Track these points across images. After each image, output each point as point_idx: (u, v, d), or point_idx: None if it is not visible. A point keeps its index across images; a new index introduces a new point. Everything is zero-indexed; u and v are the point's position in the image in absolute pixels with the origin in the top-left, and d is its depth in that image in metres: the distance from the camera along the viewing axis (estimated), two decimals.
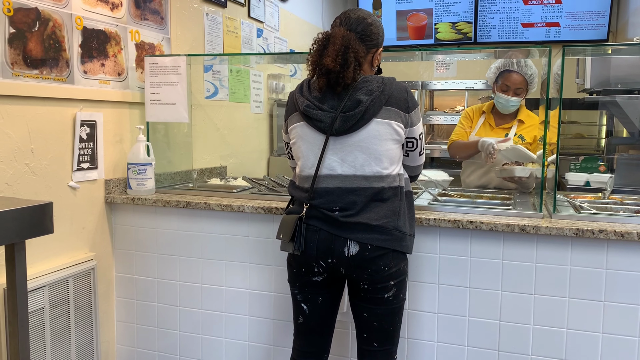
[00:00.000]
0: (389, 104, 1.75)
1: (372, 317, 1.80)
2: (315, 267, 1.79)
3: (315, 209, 1.76)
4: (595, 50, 3.12)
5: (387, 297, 1.77)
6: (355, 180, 1.74)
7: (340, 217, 1.73)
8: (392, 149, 1.77)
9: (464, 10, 5.28)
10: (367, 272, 1.74)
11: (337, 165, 1.76)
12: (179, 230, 2.48)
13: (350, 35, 1.75)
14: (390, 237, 1.73)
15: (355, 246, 1.72)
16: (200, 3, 3.19)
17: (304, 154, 1.81)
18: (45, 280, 2.15)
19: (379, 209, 1.74)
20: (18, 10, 2.05)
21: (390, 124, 1.75)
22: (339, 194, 1.74)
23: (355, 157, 1.75)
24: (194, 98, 3.04)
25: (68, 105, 2.30)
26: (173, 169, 2.95)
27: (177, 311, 2.52)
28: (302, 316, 1.90)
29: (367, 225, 1.72)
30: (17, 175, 2.09)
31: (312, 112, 1.76)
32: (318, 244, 1.75)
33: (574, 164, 3.42)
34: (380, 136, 1.74)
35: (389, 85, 1.77)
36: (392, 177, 1.77)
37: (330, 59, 1.70)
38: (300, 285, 1.86)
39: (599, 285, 1.94)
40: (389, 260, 1.74)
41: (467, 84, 4.88)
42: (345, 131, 1.73)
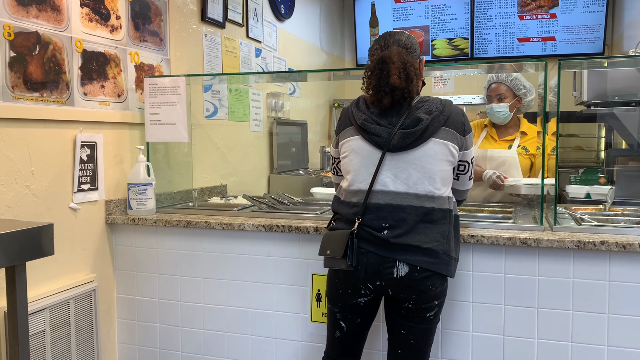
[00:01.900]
0: (447, 125, 1.77)
1: (410, 335, 1.80)
2: (362, 290, 1.77)
3: (363, 228, 1.74)
4: (592, 64, 3.15)
5: (429, 316, 1.78)
6: (407, 198, 1.74)
7: (390, 237, 1.71)
8: (445, 169, 1.78)
9: (460, 26, 5.33)
10: (415, 293, 1.73)
11: (389, 182, 1.75)
12: (180, 250, 2.47)
13: (402, 50, 1.79)
14: (439, 260, 1.73)
15: (404, 267, 1.71)
16: (199, 24, 3.23)
17: (356, 168, 1.80)
18: (46, 303, 2.14)
19: (428, 231, 1.73)
20: (18, 35, 2.07)
21: (447, 144, 1.76)
22: (389, 210, 1.73)
23: (409, 174, 1.74)
24: (193, 118, 3.06)
25: (68, 127, 2.31)
26: (173, 188, 2.95)
27: (179, 332, 2.51)
28: (339, 331, 1.89)
29: (417, 247, 1.71)
30: (17, 197, 2.09)
31: (370, 127, 1.77)
32: (366, 266, 1.73)
33: (574, 177, 3.42)
34: (436, 156, 1.75)
35: (448, 106, 1.79)
36: (443, 199, 1.77)
37: (395, 77, 1.72)
38: (342, 306, 1.85)
39: (602, 298, 1.92)
40: (434, 281, 1.73)
41: (465, 99, 4.90)
42: (402, 147, 1.74)
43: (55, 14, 2.22)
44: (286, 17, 4.33)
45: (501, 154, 2.94)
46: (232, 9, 3.53)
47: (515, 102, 2.90)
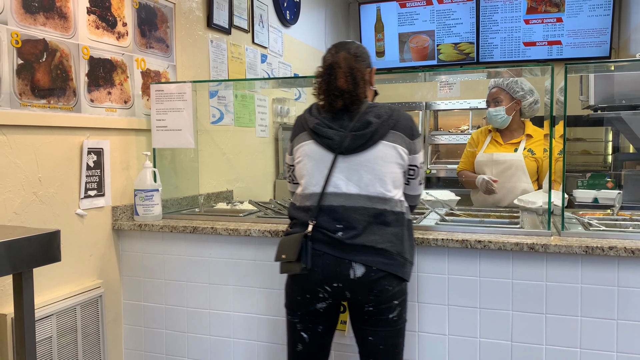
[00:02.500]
0: (396, 129, 1.82)
1: (378, 340, 1.80)
2: (320, 293, 1.78)
3: (319, 230, 1.76)
4: (598, 67, 3.13)
5: (392, 318, 1.78)
6: (359, 200, 1.77)
7: (344, 238, 1.73)
8: (396, 172, 1.81)
9: (465, 31, 5.33)
10: (372, 294, 1.74)
11: (342, 184, 1.78)
12: (186, 256, 2.47)
13: (350, 57, 1.86)
14: (394, 261, 1.75)
15: (360, 268, 1.72)
16: (205, 30, 3.24)
17: (309, 172, 1.84)
18: (53, 309, 2.15)
19: (382, 232, 1.75)
20: (26, 42, 2.09)
21: (396, 147, 1.81)
22: (342, 212, 1.76)
23: (360, 176, 1.78)
24: (199, 123, 3.07)
25: (75, 133, 2.32)
26: (180, 194, 2.96)
27: (185, 338, 2.50)
28: (301, 344, 1.87)
29: (372, 248, 1.73)
30: (25, 204, 2.10)
31: (322, 130, 1.81)
32: (323, 268, 1.74)
33: (581, 181, 3.41)
34: (386, 158, 1.78)
35: (397, 112, 1.85)
36: (395, 201, 1.80)
37: (342, 80, 1.79)
38: (301, 315, 1.84)
39: (611, 303, 1.91)
40: (391, 281, 1.75)
41: (471, 103, 4.89)
42: (354, 150, 1.78)
43: (62, 21, 2.24)
44: (292, 23, 4.34)
45: (507, 158, 2.93)
46: (237, 15, 3.54)
47: (513, 105, 2.90)
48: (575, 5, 4.97)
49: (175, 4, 2.95)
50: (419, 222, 2.32)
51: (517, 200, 2.66)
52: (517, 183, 2.88)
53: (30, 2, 2.10)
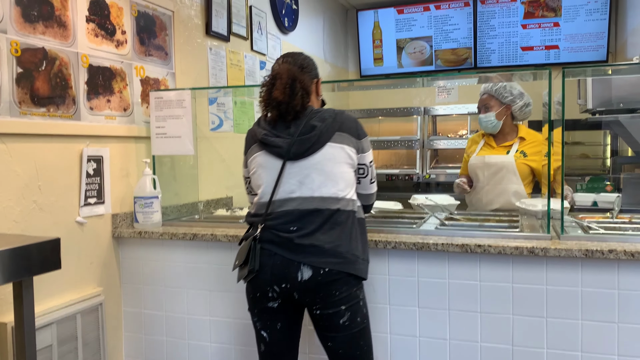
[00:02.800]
0: (341, 130, 1.86)
1: (337, 345, 1.82)
2: (269, 292, 1.81)
3: (270, 231, 1.81)
4: (596, 71, 3.15)
5: (343, 323, 1.79)
6: (313, 202, 1.80)
7: (295, 237, 1.77)
8: (347, 172, 1.86)
9: (463, 36, 5.35)
10: (318, 297, 1.77)
11: (295, 188, 1.82)
12: (187, 263, 2.47)
13: (293, 68, 1.90)
14: (343, 260, 1.77)
15: (308, 270, 1.75)
16: (204, 38, 3.25)
17: (264, 181, 1.87)
18: (53, 317, 2.15)
19: (333, 232, 1.79)
20: (25, 51, 2.09)
21: (344, 148, 1.85)
22: (297, 215, 1.80)
23: (312, 179, 1.82)
24: (199, 130, 3.07)
25: (75, 141, 2.33)
26: (179, 201, 2.96)
27: (186, 345, 2.50)
28: (263, 344, 1.91)
29: (320, 248, 1.76)
30: (24, 212, 2.10)
31: (270, 139, 1.86)
32: (273, 268, 1.78)
33: (580, 185, 3.41)
34: (335, 159, 1.83)
35: (341, 114, 1.91)
36: (347, 200, 1.84)
37: (279, 91, 1.84)
38: (257, 312, 1.88)
39: (611, 307, 1.91)
40: (340, 285, 1.77)
41: (469, 108, 4.89)
42: (301, 154, 1.82)
43: (61, 30, 2.25)
44: (290, 30, 4.35)
45: (498, 160, 2.96)
46: (236, 23, 3.56)
47: (503, 110, 2.93)
48: (572, 9, 5.00)
49: (174, 11, 2.97)
50: (419, 227, 2.32)
51: (518, 204, 2.67)
52: (508, 185, 2.91)
53: (29, 11, 2.11)
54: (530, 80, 2.51)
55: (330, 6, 5.34)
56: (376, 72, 5.70)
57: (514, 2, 5.15)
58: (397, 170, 5.02)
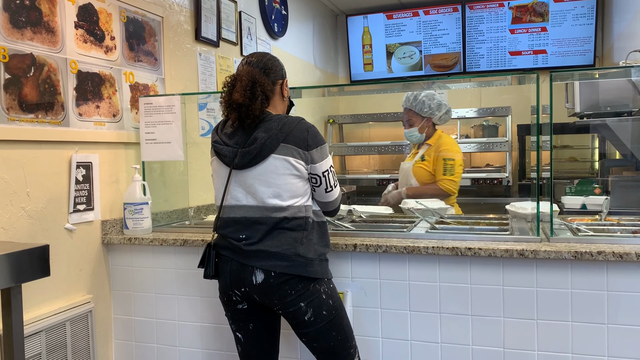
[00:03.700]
0: (286, 142, 1.83)
1: (310, 340, 1.88)
2: (233, 296, 1.88)
3: (224, 238, 1.88)
4: (583, 75, 3.18)
5: (308, 319, 1.83)
6: (258, 211, 1.84)
7: (243, 245, 1.82)
8: (292, 182, 1.85)
9: (452, 41, 5.39)
10: (275, 298, 1.81)
11: (242, 197, 1.87)
12: (177, 269, 2.46)
13: (254, 70, 1.89)
14: (292, 263, 1.80)
15: (260, 274, 1.80)
16: (193, 43, 3.25)
17: (216, 187, 1.95)
18: (42, 325, 2.12)
19: (280, 237, 1.82)
20: (13, 57, 2.08)
21: (288, 159, 1.83)
22: (245, 223, 1.85)
23: (255, 189, 1.85)
24: (188, 136, 3.06)
25: (64, 147, 2.32)
26: (170, 207, 2.95)
27: (177, 352, 2.48)
28: (239, 345, 1.98)
29: (267, 252, 1.81)
30: (13, 219, 2.08)
31: (219, 147, 1.89)
32: (230, 273, 1.86)
33: (569, 188, 3.44)
34: (277, 170, 1.83)
35: (289, 124, 1.86)
36: (296, 207, 1.85)
37: (238, 94, 1.82)
38: (231, 315, 1.95)
39: (601, 308, 1.92)
40: (294, 284, 1.80)
41: (459, 112, 4.93)
42: (244, 165, 1.84)
43: (50, 35, 2.24)
44: (280, 35, 4.36)
45: (402, 166, 3.33)
46: (225, 28, 3.56)
47: (425, 123, 3.16)
48: (559, 14, 5.05)
49: (163, 17, 2.96)
50: (409, 230, 2.33)
51: (508, 207, 2.70)
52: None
53: (17, 16, 2.10)
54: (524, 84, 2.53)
55: (319, 12, 5.36)
56: (366, 77, 5.72)
57: (502, 8, 5.20)
58: (388, 175, 5.04)
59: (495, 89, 5.11)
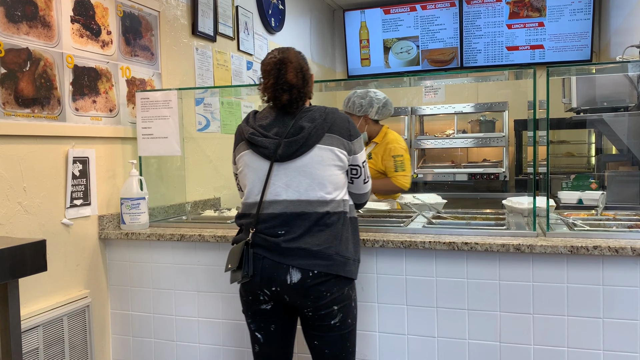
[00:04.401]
0: (331, 131, 1.81)
1: (323, 345, 1.81)
2: (260, 296, 1.79)
3: (259, 235, 1.78)
4: (580, 70, 3.19)
5: (334, 324, 1.78)
6: (300, 205, 1.77)
7: (282, 242, 1.74)
8: (335, 174, 1.81)
9: (449, 36, 5.38)
10: (309, 299, 1.75)
11: (281, 191, 1.79)
12: (174, 264, 2.46)
13: (299, 55, 1.87)
14: (332, 262, 1.74)
15: (297, 274, 1.73)
16: (190, 38, 3.24)
17: (251, 181, 1.84)
18: (39, 320, 2.13)
19: (321, 234, 1.76)
20: (9, 51, 2.07)
21: (333, 150, 1.80)
22: (285, 218, 1.77)
23: (299, 182, 1.78)
24: (185, 131, 3.06)
25: (60, 142, 2.31)
26: (167, 202, 2.94)
27: (174, 346, 2.49)
28: (257, 345, 1.90)
29: (308, 250, 1.73)
30: (9, 214, 2.08)
31: (257, 139, 1.81)
32: (262, 272, 1.76)
33: (565, 183, 3.45)
34: (323, 161, 1.78)
35: (332, 114, 1.84)
36: (337, 202, 1.80)
37: (292, 74, 1.79)
38: (251, 315, 1.87)
39: (596, 302, 1.93)
40: (331, 286, 1.75)
41: (456, 107, 4.94)
42: (288, 157, 1.77)
43: (46, 30, 2.23)
44: (277, 30, 4.35)
45: None
46: (222, 23, 3.55)
47: (362, 122, 3.15)
48: (557, 9, 5.05)
49: (160, 12, 2.95)
50: (407, 225, 2.33)
51: (504, 202, 2.71)
52: None
53: (13, 11, 2.09)
54: (521, 79, 2.53)
55: (317, 6, 5.34)
56: (363, 72, 5.71)
57: (499, 2, 5.20)
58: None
59: (493, 84, 5.11)
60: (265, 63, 1.86)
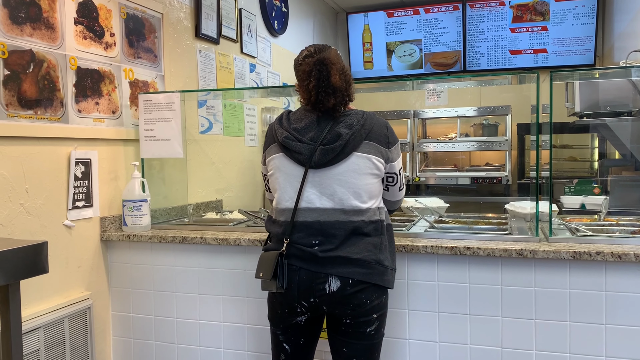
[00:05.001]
0: (369, 139, 1.74)
1: (352, 352, 1.76)
2: (297, 308, 1.75)
3: (294, 246, 1.72)
4: (583, 75, 3.18)
5: (369, 332, 1.75)
6: (334, 214, 1.71)
7: (319, 252, 1.69)
8: (371, 183, 1.75)
9: (452, 39, 5.38)
10: (349, 307, 1.71)
11: (315, 199, 1.73)
12: (175, 266, 2.46)
13: (339, 56, 1.80)
14: (372, 270, 1.70)
15: (336, 282, 1.68)
16: (193, 40, 3.24)
17: (282, 186, 1.78)
18: (40, 322, 2.12)
19: (359, 242, 1.71)
20: (13, 53, 2.08)
21: (371, 158, 1.74)
22: (318, 227, 1.71)
23: (334, 190, 1.72)
24: (188, 133, 3.06)
25: (63, 144, 2.31)
26: (169, 204, 2.94)
27: (175, 349, 2.48)
28: (283, 354, 1.87)
29: (347, 258, 1.68)
30: (11, 215, 2.08)
31: (291, 144, 1.73)
32: (299, 284, 1.70)
33: (568, 187, 3.44)
34: (359, 170, 1.72)
35: (370, 119, 1.77)
36: (372, 210, 1.75)
37: (337, 77, 1.71)
38: (283, 328, 1.83)
39: (599, 308, 1.92)
40: (370, 294, 1.71)
41: (459, 111, 4.93)
42: (324, 164, 1.71)
43: (49, 32, 2.23)
44: (280, 33, 4.36)
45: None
46: (226, 25, 3.55)
47: None
48: (560, 14, 5.04)
49: (164, 14, 2.96)
50: (408, 229, 2.33)
51: (507, 206, 2.70)
52: None
53: (16, 12, 2.09)
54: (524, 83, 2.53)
55: (320, 9, 5.35)
56: (366, 75, 5.71)
57: (503, 6, 5.19)
58: None
59: (495, 87, 5.11)
60: (302, 62, 1.77)
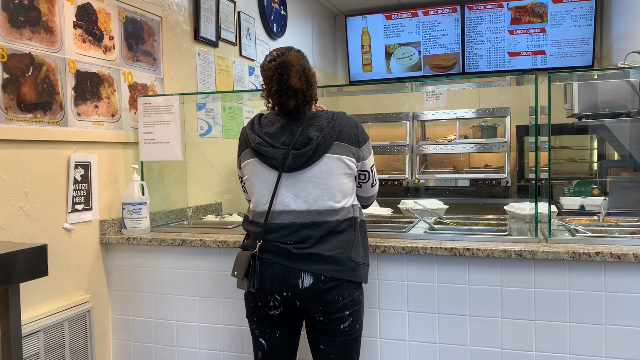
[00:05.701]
0: (340, 139, 1.77)
1: (329, 349, 1.78)
2: (270, 301, 1.77)
3: (270, 242, 1.76)
4: (582, 76, 3.18)
5: (343, 328, 1.76)
6: (310, 215, 1.75)
7: (293, 248, 1.72)
8: (344, 182, 1.79)
9: (451, 42, 5.39)
10: (321, 304, 1.73)
11: (290, 201, 1.76)
12: (175, 269, 2.46)
13: (300, 56, 1.82)
14: (344, 267, 1.73)
15: (309, 278, 1.71)
16: (192, 43, 3.25)
17: (258, 190, 1.81)
18: (40, 325, 2.12)
19: (333, 240, 1.74)
20: (12, 56, 2.08)
21: (342, 158, 1.77)
22: (294, 228, 1.74)
23: (308, 192, 1.75)
24: (187, 136, 3.06)
25: (62, 147, 2.31)
26: (168, 207, 2.95)
27: (175, 352, 2.48)
28: (261, 351, 1.87)
29: (320, 255, 1.72)
30: (11, 218, 2.08)
31: (264, 149, 1.76)
32: (272, 277, 1.74)
33: (567, 188, 3.44)
34: (332, 171, 1.76)
35: (339, 120, 1.80)
36: (346, 209, 1.79)
37: (296, 79, 1.74)
38: (257, 320, 1.84)
39: (599, 309, 1.92)
40: (342, 291, 1.73)
41: (458, 113, 4.94)
42: (297, 168, 1.74)
43: (48, 35, 2.24)
44: (279, 36, 4.36)
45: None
46: (224, 28, 3.56)
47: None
48: (558, 15, 5.06)
49: (162, 17, 2.96)
50: (408, 231, 2.33)
51: (506, 207, 2.71)
52: None
53: (16, 16, 2.10)
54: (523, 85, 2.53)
55: (319, 12, 5.36)
56: (365, 77, 5.72)
57: (501, 8, 5.20)
58: (387, 175, 5.04)
59: (494, 89, 5.11)
60: (265, 68, 1.82)
